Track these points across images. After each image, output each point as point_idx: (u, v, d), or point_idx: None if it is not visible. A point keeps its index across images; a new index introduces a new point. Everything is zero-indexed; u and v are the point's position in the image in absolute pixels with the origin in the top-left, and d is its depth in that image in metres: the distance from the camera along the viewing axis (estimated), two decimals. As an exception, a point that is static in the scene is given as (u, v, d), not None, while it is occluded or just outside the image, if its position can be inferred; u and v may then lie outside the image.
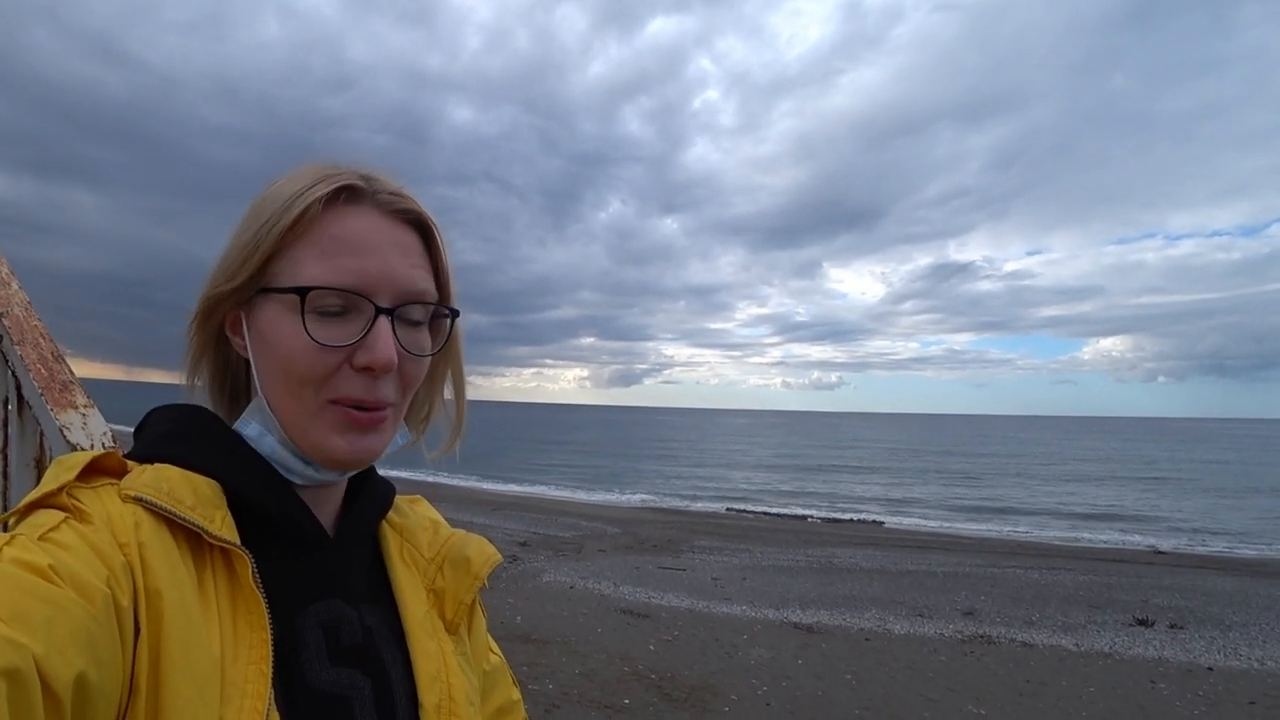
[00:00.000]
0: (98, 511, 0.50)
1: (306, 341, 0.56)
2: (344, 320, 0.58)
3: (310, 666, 0.56)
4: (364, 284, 0.57)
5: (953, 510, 21.83)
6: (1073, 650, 6.76)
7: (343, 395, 0.58)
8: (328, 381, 0.58)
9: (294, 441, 0.59)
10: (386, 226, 0.60)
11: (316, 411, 0.58)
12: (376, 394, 0.58)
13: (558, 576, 9.10)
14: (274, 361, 0.59)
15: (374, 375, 0.58)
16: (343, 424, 0.58)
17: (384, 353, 0.57)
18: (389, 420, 0.61)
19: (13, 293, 1.20)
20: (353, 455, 0.59)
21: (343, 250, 0.58)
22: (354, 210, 0.60)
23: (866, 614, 7.90)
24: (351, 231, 0.59)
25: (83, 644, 0.41)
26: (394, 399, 0.61)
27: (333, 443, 0.58)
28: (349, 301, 0.57)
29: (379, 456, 0.62)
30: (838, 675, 5.84)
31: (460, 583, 0.69)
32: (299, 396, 0.58)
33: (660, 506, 21.15)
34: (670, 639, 6.58)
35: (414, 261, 0.61)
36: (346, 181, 0.59)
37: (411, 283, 0.60)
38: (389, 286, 0.58)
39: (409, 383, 0.62)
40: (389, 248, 0.60)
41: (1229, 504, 23.83)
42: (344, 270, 0.57)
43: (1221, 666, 6.34)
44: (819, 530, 16.47)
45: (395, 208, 0.61)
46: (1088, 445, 65.84)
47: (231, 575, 0.53)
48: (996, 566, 11.29)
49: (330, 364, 0.57)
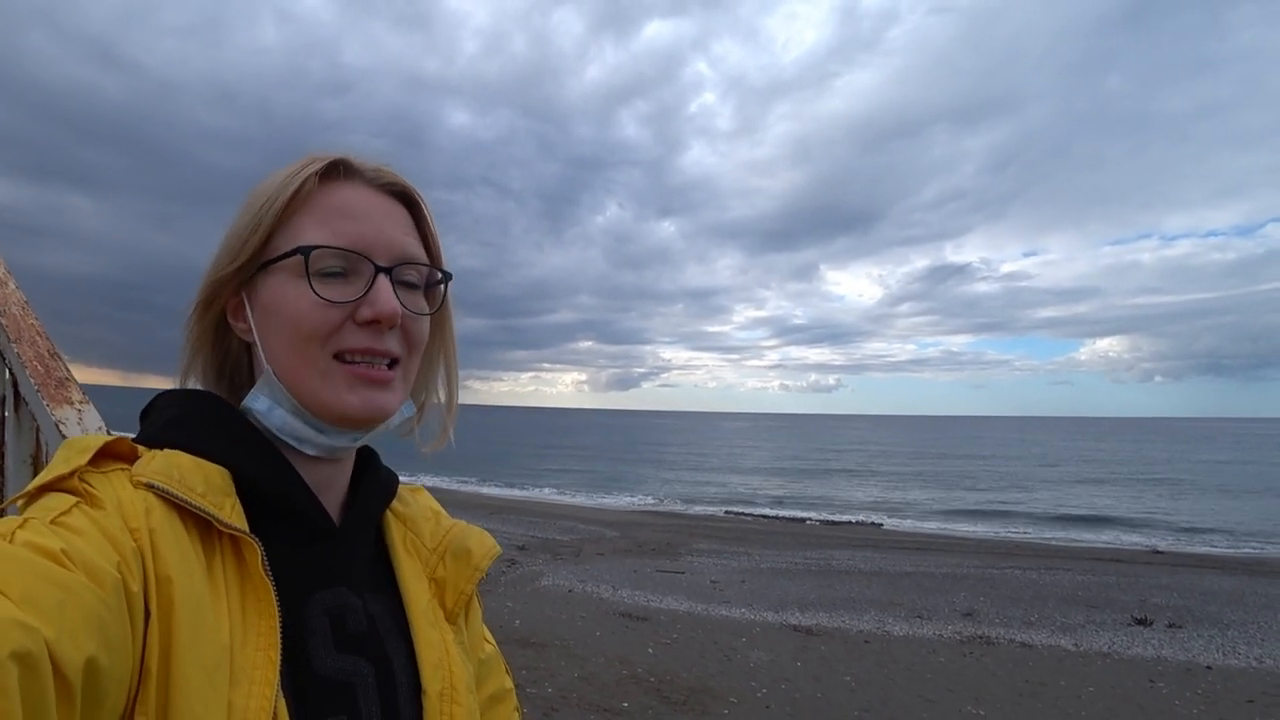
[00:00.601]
0: (109, 497, 0.50)
1: (312, 298, 0.59)
2: (346, 280, 0.60)
3: (316, 653, 0.56)
4: (362, 245, 0.61)
5: (951, 512, 21.86)
6: (1071, 650, 6.76)
7: (349, 347, 0.60)
8: (332, 336, 0.60)
9: (306, 406, 0.61)
10: (378, 200, 0.64)
11: (326, 370, 0.60)
12: (383, 344, 0.61)
13: (556, 580, 9.09)
14: (281, 327, 0.60)
15: (379, 328, 0.60)
16: (353, 379, 0.60)
17: (387, 303, 0.59)
18: (398, 379, 0.63)
19: (9, 292, 1.21)
20: (365, 411, 0.60)
21: (340, 216, 0.61)
22: (347, 184, 0.64)
23: (865, 616, 7.90)
24: (347, 201, 0.63)
25: (94, 628, 0.41)
26: (400, 354, 0.63)
27: (345, 399, 0.60)
28: (350, 262, 0.61)
29: (391, 414, 0.63)
30: (837, 677, 5.83)
31: (461, 573, 0.70)
32: (307, 355, 0.60)
33: (658, 510, 21.15)
34: (669, 642, 6.58)
35: (406, 230, 0.65)
36: (337, 157, 0.64)
37: (405, 247, 0.63)
38: (386, 249, 0.62)
39: (412, 342, 0.64)
40: (382, 216, 0.63)
41: (1226, 503, 23.89)
42: (343, 233, 0.61)
43: (1220, 665, 6.36)
44: (817, 532, 16.48)
45: (382, 182, 0.65)
46: (1085, 446, 65.98)
47: (241, 562, 0.54)
48: (995, 567, 11.30)
49: (335, 320, 0.59)
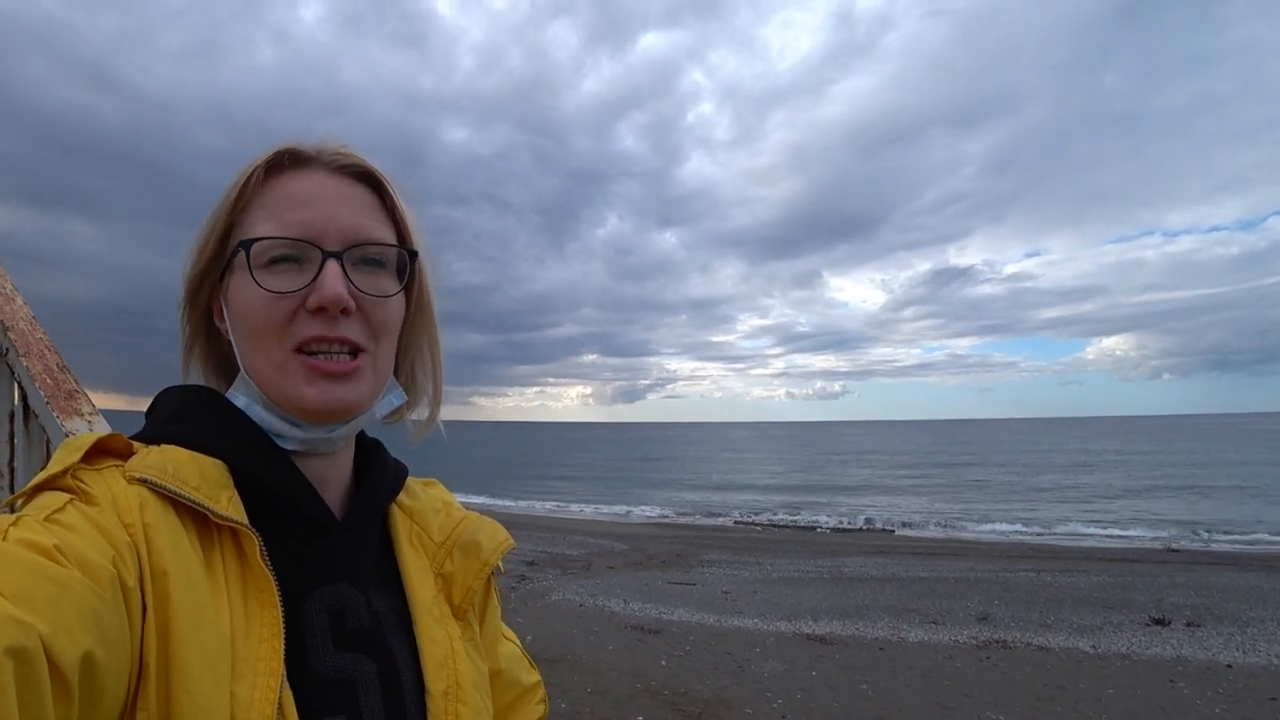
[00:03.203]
0: (102, 493, 0.50)
1: (260, 293, 0.58)
2: (297, 269, 0.59)
3: (315, 650, 0.55)
4: (309, 232, 0.59)
5: (962, 515, 21.70)
6: (1090, 652, 6.68)
7: (303, 338, 0.58)
8: (286, 329, 0.59)
9: (273, 400, 0.60)
10: (333, 183, 0.62)
11: (283, 363, 0.59)
12: (337, 331, 0.59)
13: (567, 595, 9.04)
14: (241, 323, 0.61)
15: (328, 315, 0.58)
16: (311, 373, 0.59)
17: (330, 289, 0.57)
18: (364, 370, 0.61)
19: (18, 307, 1.23)
20: (324, 404, 0.59)
21: (287, 206, 0.60)
22: (301, 173, 0.62)
23: (880, 623, 7.82)
24: (296, 190, 0.61)
25: (89, 623, 0.41)
26: (363, 342, 0.61)
27: (303, 392, 0.59)
28: (298, 249, 0.59)
29: (357, 408, 0.62)
30: (853, 686, 5.77)
31: (469, 568, 0.69)
32: (265, 349, 0.59)
33: (668, 521, 21.04)
34: (682, 654, 6.52)
35: (364, 212, 0.63)
36: (289, 147, 0.62)
37: (360, 229, 0.61)
38: (336, 232, 0.60)
39: (377, 327, 0.62)
40: (335, 200, 0.61)
41: (1241, 499, 23.66)
42: (288, 223, 0.59)
43: (1241, 663, 6.26)
44: (828, 540, 16.37)
45: (341, 164, 0.63)
46: (1094, 445, 65.55)
47: (240, 555, 0.53)
48: (1009, 570, 11.19)
49: (286, 310, 0.58)
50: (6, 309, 1.20)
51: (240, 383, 0.63)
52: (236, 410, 0.61)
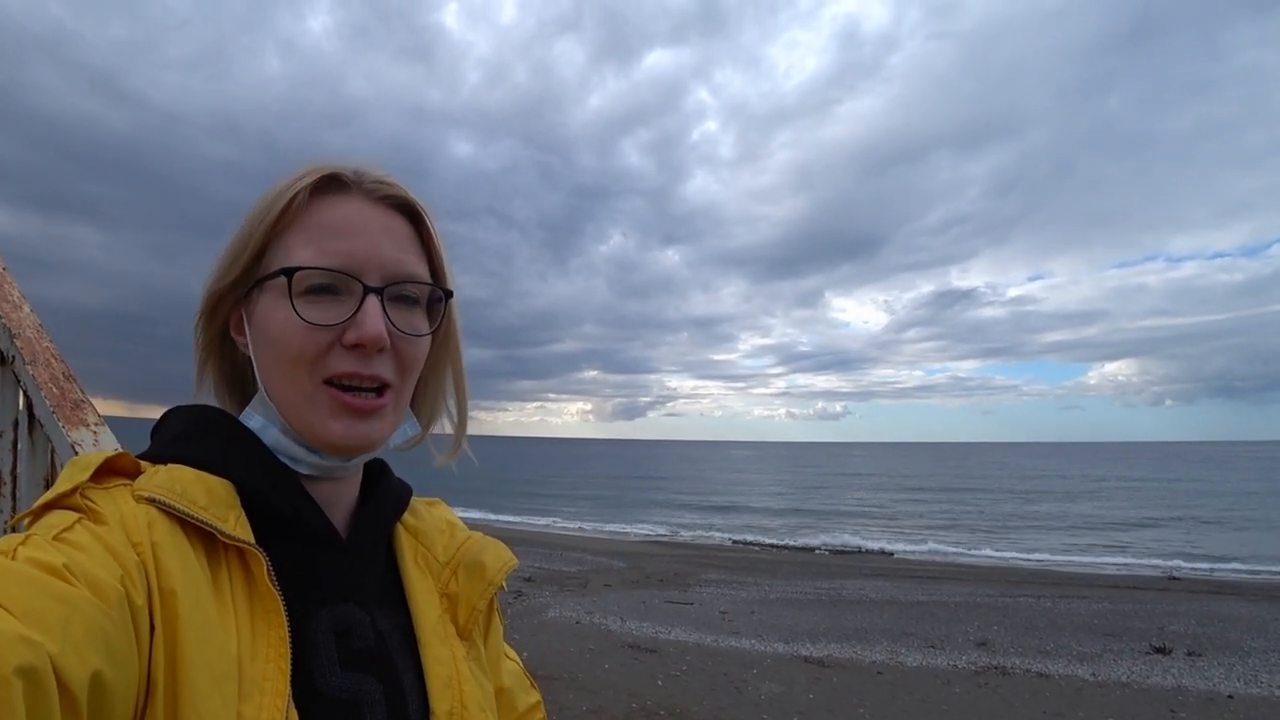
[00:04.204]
0: (111, 512, 0.50)
1: (297, 322, 0.57)
2: (335, 301, 0.58)
3: (321, 670, 0.55)
4: (351, 265, 0.58)
5: (962, 539, 21.55)
6: (1090, 680, 6.61)
7: (335, 372, 0.58)
8: (320, 361, 0.58)
9: (294, 428, 0.60)
10: (375, 213, 0.61)
11: (311, 394, 0.58)
12: (371, 369, 0.59)
13: (564, 612, 8.97)
14: (270, 348, 0.59)
15: (364, 352, 0.58)
16: (338, 407, 0.58)
17: (372, 328, 0.57)
18: (388, 407, 0.61)
19: (24, 315, 1.23)
20: (348, 440, 0.59)
21: (330, 234, 0.59)
22: (342, 199, 0.61)
23: (878, 646, 7.75)
24: (339, 217, 0.60)
25: (98, 643, 0.41)
26: (391, 379, 0.60)
27: (329, 426, 0.58)
28: (338, 281, 0.58)
29: (379, 444, 0.62)
30: (850, 709, 5.70)
31: (474, 588, 0.69)
32: (294, 379, 0.59)
33: (666, 540, 20.92)
34: (678, 674, 6.46)
35: (403, 245, 0.62)
36: (332, 170, 0.61)
37: (400, 264, 0.61)
38: (378, 267, 0.59)
39: (406, 364, 0.62)
40: (377, 232, 0.61)
41: (1244, 528, 23.49)
42: (331, 252, 0.58)
43: (1242, 694, 6.19)
44: (827, 562, 16.25)
45: (382, 194, 0.62)
46: (1096, 471, 65.21)
47: (247, 574, 0.53)
48: (1008, 595, 11.11)
49: (322, 343, 0.58)
50: (13, 316, 1.21)
51: (259, 403, 0.62)
52: (244, 431, 0.61)
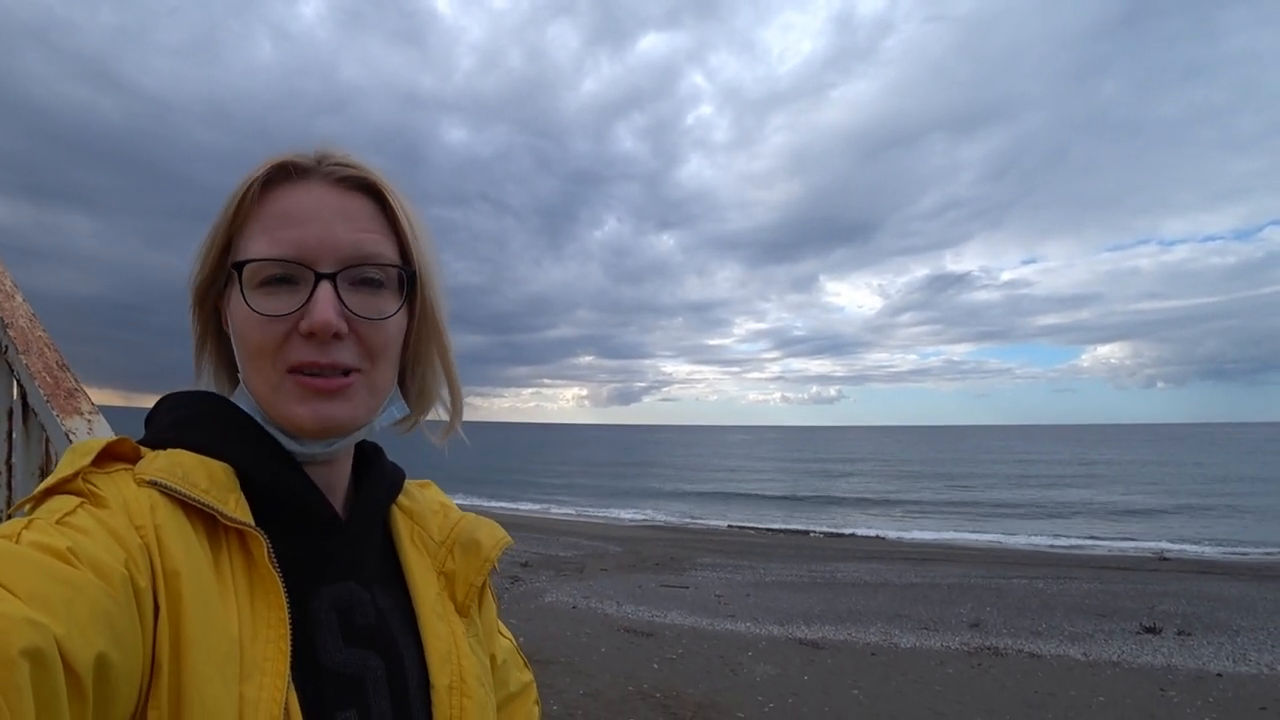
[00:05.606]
0: (113, 496, 0.50)
1: (252, 315, 0.58)
2: (290, 291, 0.58)
3: (325, 647, 0.57)
4: (303, 253, 0.58)
5: (956, 522, 21.75)
6: (1081, 660, 6.70)
7: (296, 361, 0.58)
8: (279, 351, 0.58)
9: (270, 417, 0.61)
10: (333, 196, 0.61)
11: (278, 384, 0.59)
12: (329, 356, 0.58)
13: (560, 596, 9.03)
14: (238, 341, 0.61)
15: (319, 339, 0.58)
16: (304, 392, 0.58)
17: (320, 315, 0.56)
18: (356, 387, 0.60)
19: (17, 305, 1.22)
20: (317, 423, 0.59)
21: (282, 224, 0.59)
22: (299, 185, 0.61)
23: (872, 628, 7.84)
24: (293, 205, 0.60)
25: (102, 625, 0.42)
26: (355, 364, 0.60)
27: (296, 412, 0.59)
28: (291, 271, 0.58)
29: (351, 425, 0.61)
30: (845, 690, 5.78)
31: (470, 565, 0.70)
32: (261, 370, 0.60)
33: (662, 524, 21.04)
34: (674, 657, 6.52)
35: (363, 226, 0.61)
36: (285, 159, 0.61)
37: (358, 245, 0.60)
38: (331, 252, 0.59)
39: (372, 348, 0.61)
40: (332, 215, 0.60)
41: (1233, 508, 23.75)
42: (281, 242, 0.58)
43: (1231, 672, 6.29)
44: (821, 545, 16.39)
45: (340, 176, 0.61)
46: (1088, 453, 65.75)
47: (247, 556, 0.54)
48: (1001, 577, 11.23)
49: (278, 334, 0.58)
50: (6, 306, 1.20)
51: (240, 394, 0.64)
52: (243, 415, 0.62)
